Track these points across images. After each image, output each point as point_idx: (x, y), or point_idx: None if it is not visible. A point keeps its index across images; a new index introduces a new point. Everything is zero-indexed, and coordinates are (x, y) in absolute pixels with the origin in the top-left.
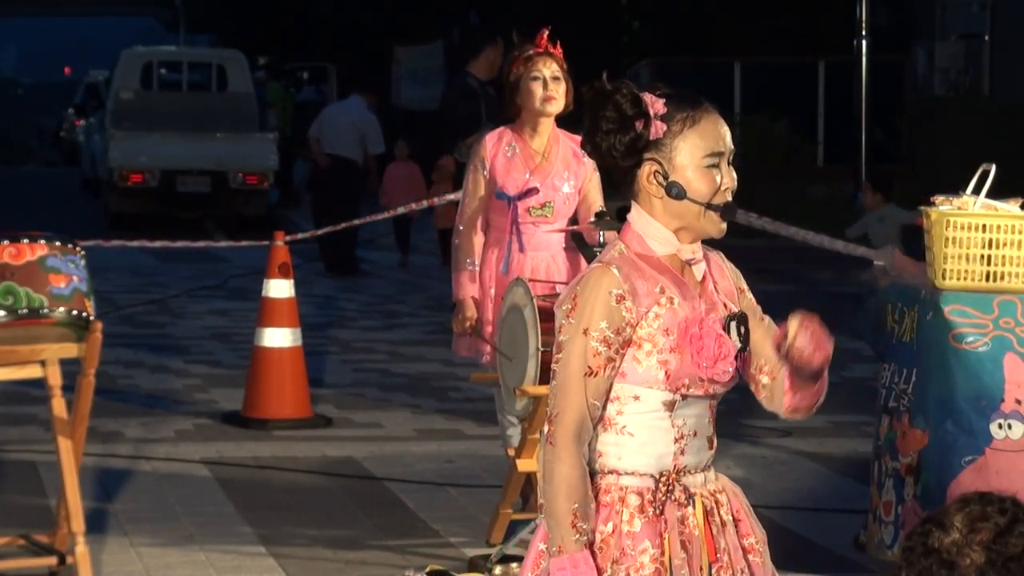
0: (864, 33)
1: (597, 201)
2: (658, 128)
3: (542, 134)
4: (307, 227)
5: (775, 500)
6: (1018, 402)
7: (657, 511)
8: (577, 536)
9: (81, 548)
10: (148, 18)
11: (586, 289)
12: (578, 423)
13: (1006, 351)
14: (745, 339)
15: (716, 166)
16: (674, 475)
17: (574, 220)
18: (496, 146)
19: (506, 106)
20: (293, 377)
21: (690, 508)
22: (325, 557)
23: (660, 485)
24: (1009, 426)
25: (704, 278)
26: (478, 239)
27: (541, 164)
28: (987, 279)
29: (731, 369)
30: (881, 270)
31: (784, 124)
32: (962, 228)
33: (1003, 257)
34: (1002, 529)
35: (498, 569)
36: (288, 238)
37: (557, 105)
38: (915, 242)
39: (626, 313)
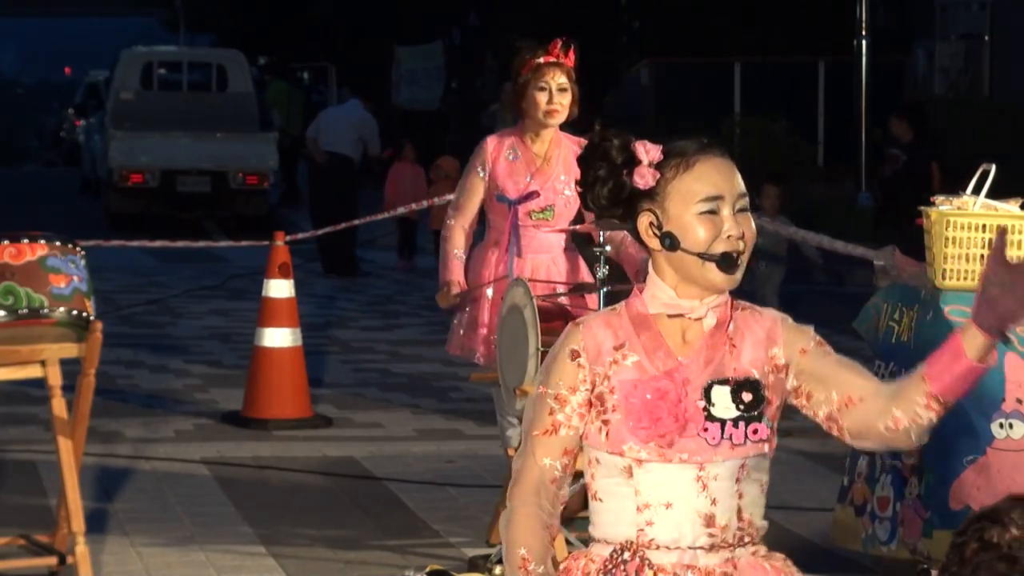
0: (864, 33)
1: None
2: (650, 176)
3: (544, 138)
4: (307, 227)
5: (775, 500)
6: (1019, 401)
7: None
8: None
9: (81, 548)
10: (148, 18)
11: (555, 346)
12: (535, 484)
13: (1006, 351)
14: (749, 406)
15: (715, 212)
16: (637, 546)
17: (576, 220)
18: (498, 149)
19: (512, 107)
20: (293, 377)
21: None
22: (325, 557)
23: (614, 554)
24: (1010, 425)
25: (712, 334)
26: (465, 235)
27: (542, 167)
28: None
29: (700, 436)
30: (881, 270)
31: (784, 124)
32: (962, 228)
33: None
34: None
35: (498, 569)
36: (288, 238)
37: (560, 118)
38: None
39: (578, 371)
